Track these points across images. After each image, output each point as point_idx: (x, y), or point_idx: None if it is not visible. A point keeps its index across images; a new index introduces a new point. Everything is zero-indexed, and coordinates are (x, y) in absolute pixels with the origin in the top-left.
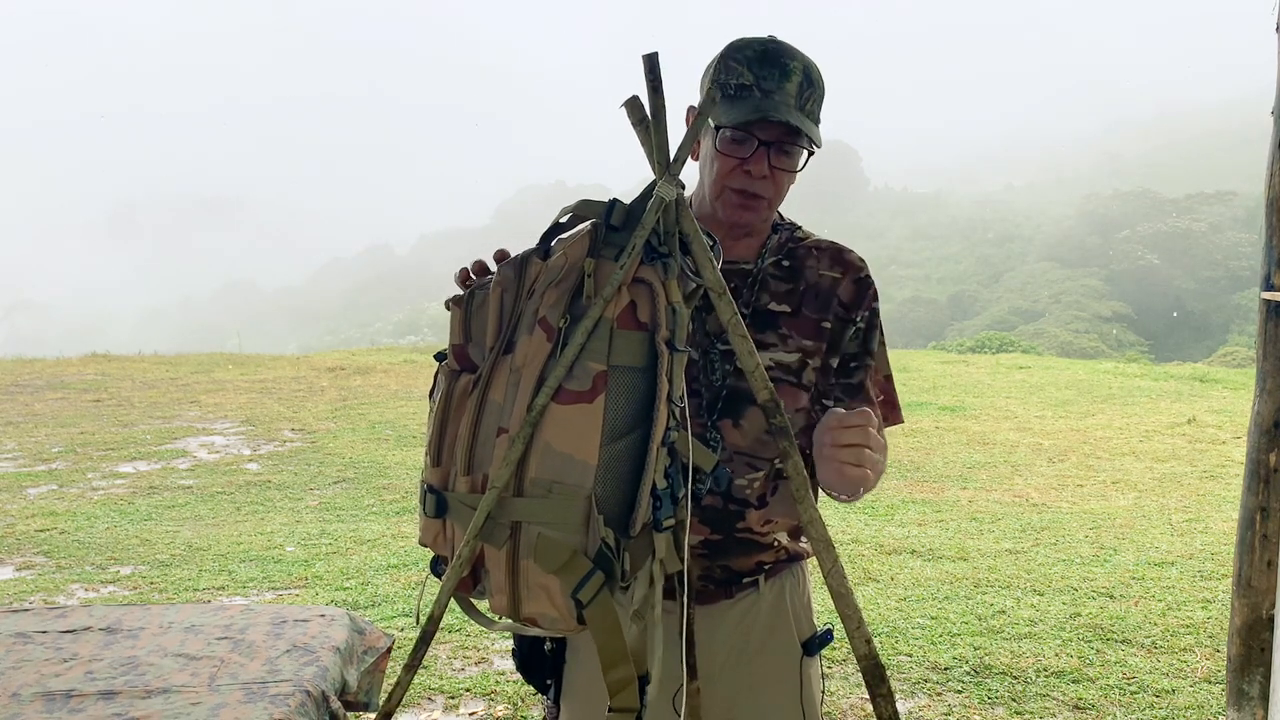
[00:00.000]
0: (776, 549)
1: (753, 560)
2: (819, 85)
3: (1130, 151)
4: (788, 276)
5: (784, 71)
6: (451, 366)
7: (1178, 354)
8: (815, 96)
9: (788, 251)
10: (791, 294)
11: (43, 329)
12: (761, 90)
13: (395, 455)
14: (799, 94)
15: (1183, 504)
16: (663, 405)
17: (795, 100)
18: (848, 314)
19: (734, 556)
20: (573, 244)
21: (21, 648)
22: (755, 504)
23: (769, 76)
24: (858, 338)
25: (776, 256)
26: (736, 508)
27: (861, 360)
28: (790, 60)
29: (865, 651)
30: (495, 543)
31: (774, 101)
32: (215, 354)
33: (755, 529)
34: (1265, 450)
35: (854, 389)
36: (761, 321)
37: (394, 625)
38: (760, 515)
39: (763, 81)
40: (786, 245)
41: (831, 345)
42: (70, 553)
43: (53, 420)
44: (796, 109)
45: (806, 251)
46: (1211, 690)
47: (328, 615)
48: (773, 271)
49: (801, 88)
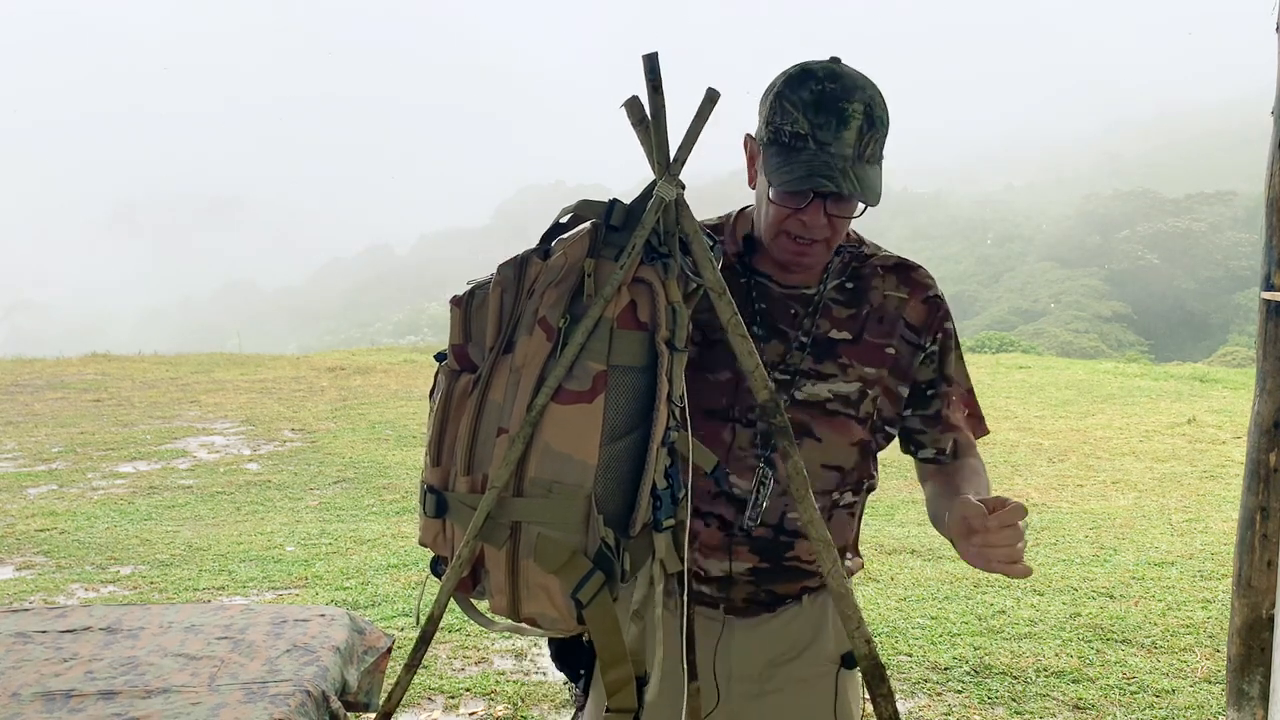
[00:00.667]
0: (820, 577)
1: (798, 585)
2: (881, 123)
3: (1130, 151)
4: (851, 300)
5: (841, 119)
6: (451, 366)
7: (1178, 354)
8: (877, 138)
9: (851, 272)
10: (854, 319)
11: (43, 329)
12: (817, 142)
13: (395, 455)
14: (858, 141)
15: (1183, 504)
16: (663, 405)
17: (854, 149)
18: (917, 338)
19: (780, 582)
20: (572, 244)
21: (21, 648)
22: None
23: (825, 126)
24: (931, 363)
25: (840, 279)
26: (787, 539)
27: (939, 388)
28: (848, 103)
29: (865, 651)
30: (495, 543)
31: (828, 157)
32: (215, 354)
33: (804, 558)
34: (1265, 450)
35: (932, 419)
36: (822, 350)
37: (394, 625)
38: (809, 548)
39: (818, 131)
40: (850, 265)
41: (898, 371)
42: (70, 553)
43: (53, 420)
44: (855, 158)
45: (872, 271)
46: (1211, 690)
47: (328, 615)
48: (835, 296)
49: (861, 133)
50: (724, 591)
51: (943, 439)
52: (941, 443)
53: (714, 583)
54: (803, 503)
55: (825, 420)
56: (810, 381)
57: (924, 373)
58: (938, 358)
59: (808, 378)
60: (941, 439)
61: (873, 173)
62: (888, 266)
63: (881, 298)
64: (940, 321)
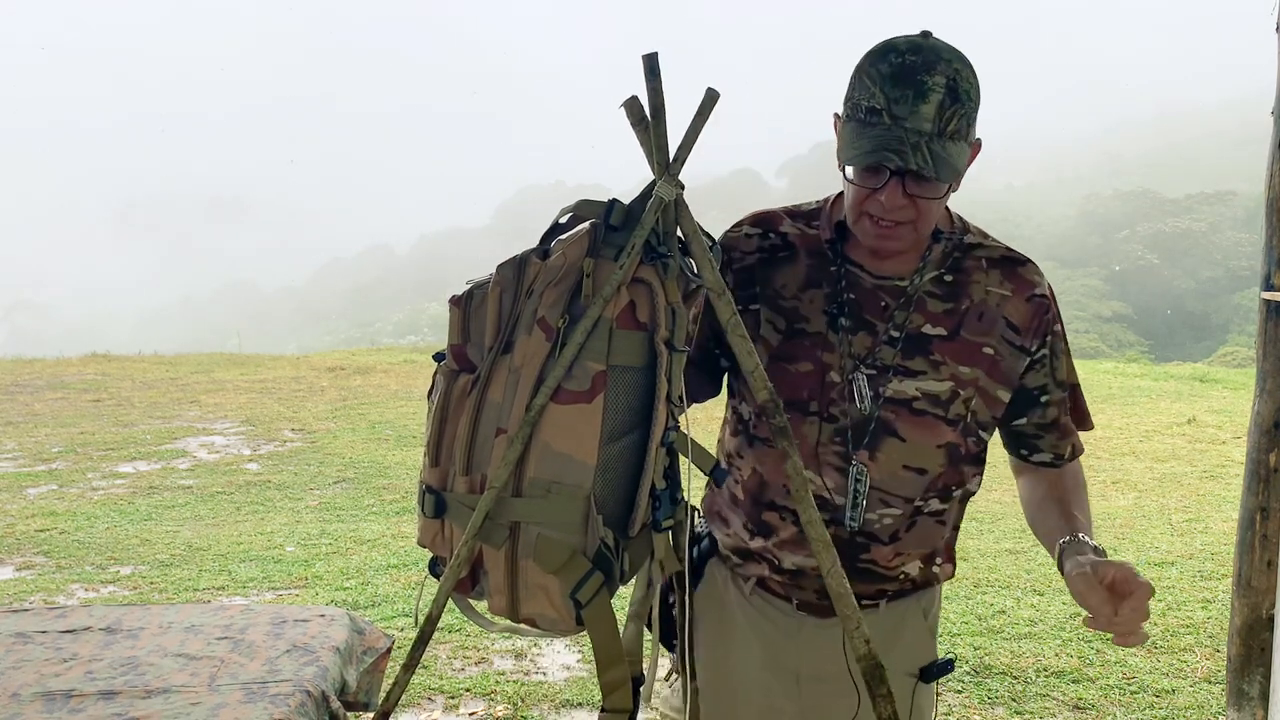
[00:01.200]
0: (902, 580)
1: (874, 588)
2: (967, 96)
3: (1130, 151)
4: (949, 294)
5: (920, 92)
6: (450, 367)
7: (1178, 354)
8: (961, 113)
9: (952, 263)
10: (951, 314)
11: (43, 329)
12: (892, 116)
13: (395, 455)
14: (938, 116)
15: (1183, 504)
16: (662, 405)
17: (934, 124)
18: (1020, 339)
19: (854, 583)
20: (571, 244)
21: (21, 648)
22: (885, 540)
23: (902, 100)
24: (1042, 368)
25: (938, 270)
26: (863, 540)
27: (1053, 394)
28: (929, 75)
29: (864, 652)
30: (494, 543)
31: (901, 132)
32: (215, 354)
33: (880, 563)
34: (1265, 450)
35: (1049, 426)
36: (912, 346)
37: (394, 625)
38: (890, 550)
39: (894, 105)
40: (951, 256)
41: (996, 374)
42: (70, 553)
43: (53, 420)
44: (935, 134)
45: (975, 264)
46: (1211, 690)
47: (328, 615)
48: (930, 289)
49: (942, 107)
50: (795, 582)
51: (1061, 445)
52: (1060, 448)
53: (786, 574)
54: (802, 503)
55: (911, 420)
56: (898, 378)
57: (1034, 378)
58: (1048, 362)
59: (896, 374)
60: (1060, 445)
61: (955, 150)
62: (993, 260)
63: (983, 293)
64: (1048, 324)
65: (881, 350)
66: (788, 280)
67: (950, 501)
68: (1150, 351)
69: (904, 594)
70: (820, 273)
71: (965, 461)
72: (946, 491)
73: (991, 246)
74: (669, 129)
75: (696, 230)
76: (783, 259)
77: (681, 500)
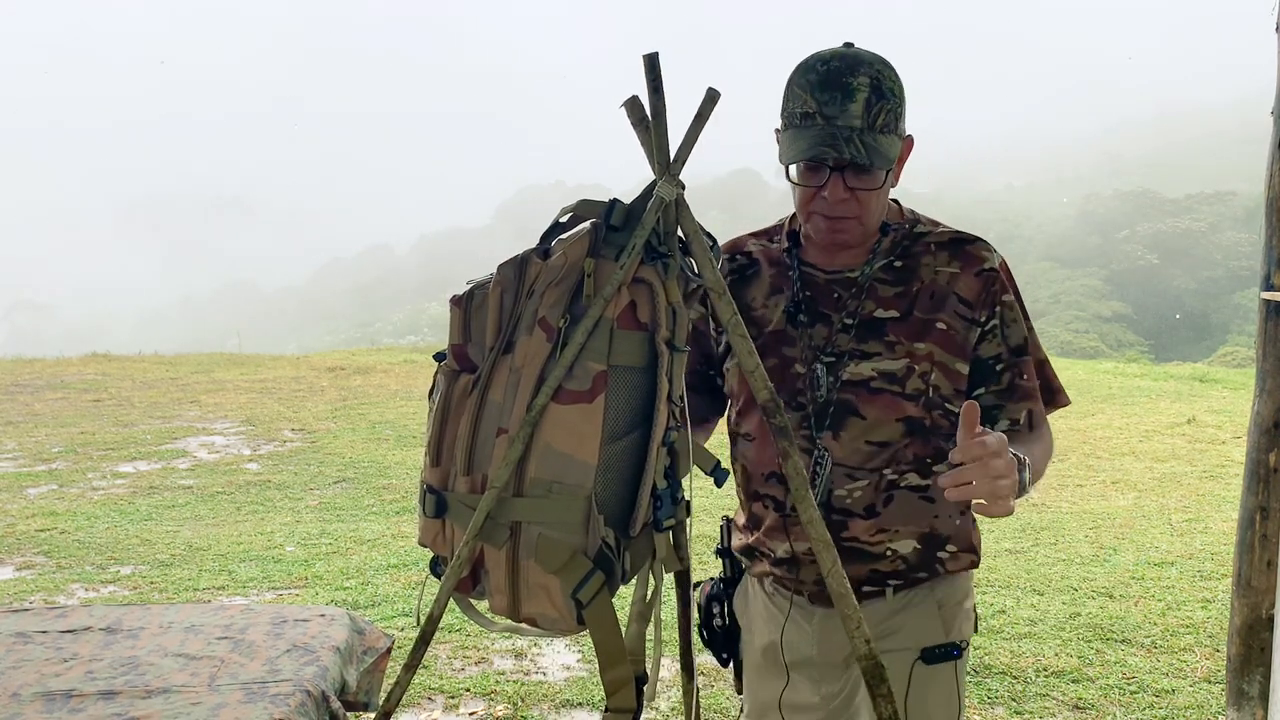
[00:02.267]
0: (893, 559)
1: (865, 569)
2: (891, 93)
3: (1130, 151)
4: (899, 279)
5: (846, 92)
6: (451, 367)
7: (1178, 354)
8: (888, 108)
9: (902, 250)
10: (902, 296)
11: (43, 329)
12: (824, 117)
13: (395, 455)
14: (866, 111)
15: (1183, 504)
16: (663, 405)
17: (863, 119)
18: (971, 313)
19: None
20: (572, 244)
21: (21, 648)
22: (862, 514)
23: (831, 101)
24: (994, 338)
25: (888, 259)
26: (839, 518)
27: (1009, 361)
28: (853, 77)
29: (865, 651)
30: (495, 543)
31: (834, 129)
32: (215, 354)
33: (863, 538)
34: (1265, 450)
35: (1006, 392)
36: (866, 330)
37: (394, 625)
38: (870, 525)
39: (825, 107)
40: (900, 244)
41: (952, 347)
42: (70, 553)
43: (53, 420)
44: (865, 128)
45: (924, 249)
46: (1211, 690)
47: (328, 615)
48: (881, 276)
49: (869, 104)
50: (794, 573)
51: (1017, 409)
52: (1015, 413)
53: (782, 565)
54: (802, 503)
55: (868, 398)
56: (854, 361)
57: (988, 348)
58: (999, 331)
59: (852, 358)
60: (1015, 409)
61: (886, 141)
62: (941, 243)
63: (933, 274)
64: (995, 295)
65: (838, 338)
66: (756, 293)
67: (929, 476)
68: (1150, 351)
69: (914, 582)
70: (781, 279)
71: (933, 434)
72: (922, 464)
73: (942, 232)
74: (669, 129)
75: (697, 230)
76: (750, 276)
77: (682, 499)
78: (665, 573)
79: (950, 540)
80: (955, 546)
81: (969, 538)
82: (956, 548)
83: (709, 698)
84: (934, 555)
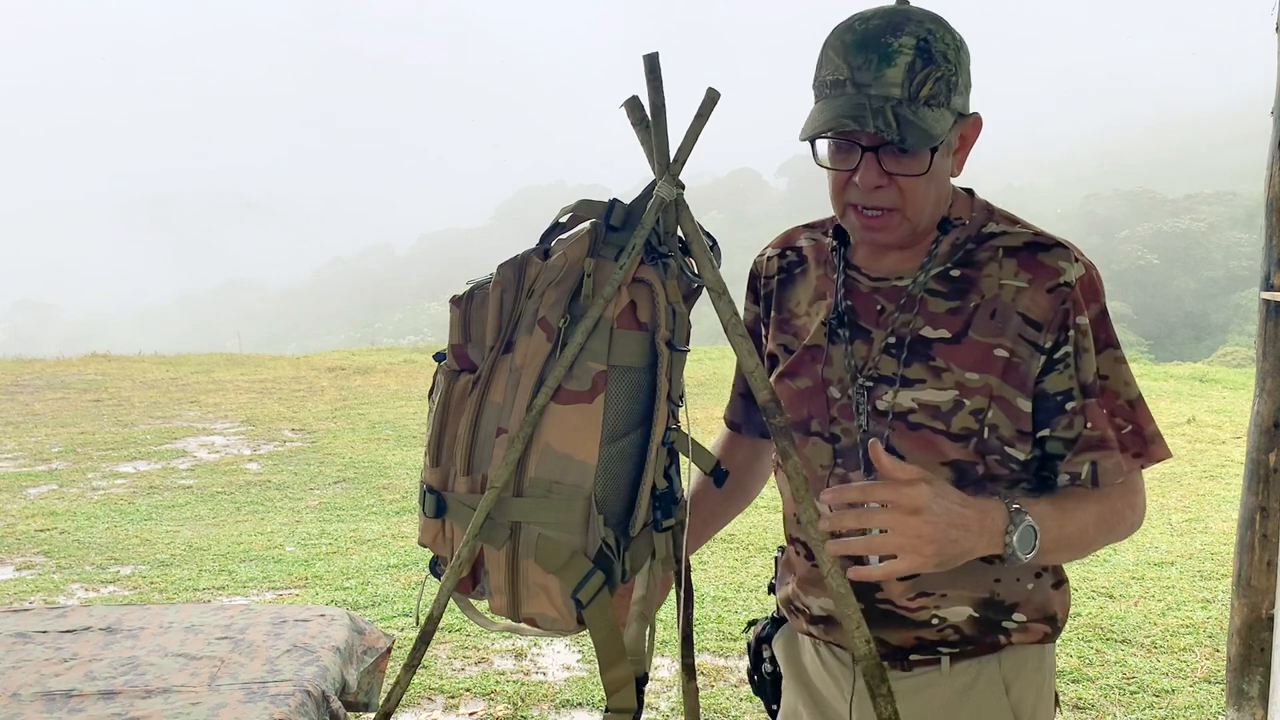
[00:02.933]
0: (940, 628)
1: (910, 636)
2: (944, 58)
3: (1130, 151)
4: (955, 291)
5: (885, 55)
6: (451, 367)
7: (1178, 354)
8: (937, 74)
9: (962, 256)
10: (957, 313)
11: (43, 329)
12: (855, 84)
13: (395, 455)
14: (908, 79)
15: (1183, 504)
16: (663, 405)
17: (903, 88)
18: (1037, 335)
19: (884, 629)
20: (572, 244)
21: (21, 648)
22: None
23: (865, 65)
24: (1065, 368)
25: (945, 265)
26: None
27: (1075, 399)
28: (894, 37)
29: (865, 651)
30: (495, 543)
31: (864, 99)
32: (215, 354)
33: (900, 603)
34: (1265, 450)
35: (1071, 441)
36: (911, 352)
37: (394, 625)
38: (907, 587)
39: (858, 73)
40: (963, 248)
41: (1014, 379)
42: (70, 553)
43: (53, 420)
44: (905, 99)
45: (990, 255)
46: (1211, 690)
47: (328, 615)
48: (935, 286)
49: (912, 69)
50: (833, 635)
51: (1077, 462)
52: (1075, 466)
53: (819, 624)
54: (801, 503)
55: (907, 435)
56: (893, 390)
57: (1055, 382)
58: (1072, 361)
59: (890, 384)
60: (1075, 462)
61: (932, 116)
62: (1013, 248)
63: (997, 287)
64: (1066, 315)
65: (880, 360)
66: (800, 296)
67: None
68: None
69: (974, 652)
70: (826, 282)
71: (989, 483)
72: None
73: (1016, 233)
74: (669, 129)
75: (697, 230)
76: (798, 275)
77: (682, 500)
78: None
79: (1018, 608)
80: (1025, 615)
81: (1046, 604)
82: (1026, 616)
83: (709, 698)
84: (996, 624)
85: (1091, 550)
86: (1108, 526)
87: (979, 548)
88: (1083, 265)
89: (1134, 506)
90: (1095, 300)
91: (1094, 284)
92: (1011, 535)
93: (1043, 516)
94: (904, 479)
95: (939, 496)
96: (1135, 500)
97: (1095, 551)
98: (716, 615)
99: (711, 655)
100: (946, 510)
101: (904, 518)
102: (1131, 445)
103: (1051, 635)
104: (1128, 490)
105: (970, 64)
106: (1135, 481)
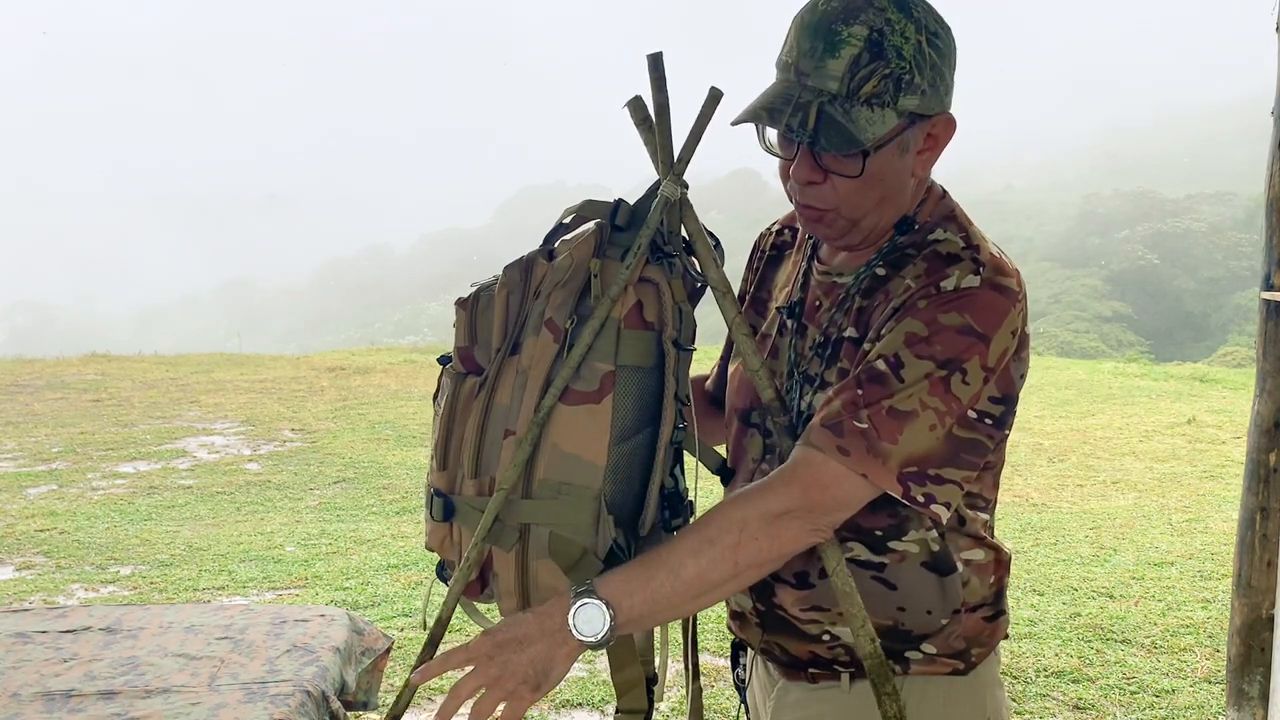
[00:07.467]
0: (830, 645)
1: (805, 649)
2: (897, 54)
3: (1130, 152)
4: (869, 290)
5: (831, 44)
6: (456, 369)
7: (1178, 354)
8: (885, 72)
9: (898, 257)
10: (864, 312)
11: (43, 329)
12: (798, 71)
13: (395, 455)
14: (850, 73)
15: (1183, 504)
16: (670, 404)
17: (842, 83)
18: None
19: (781, 636)
20: (578, 245)
21: (21, 648)
22: (791, 581)
23: (810, 53)
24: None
25: (877, 264)
26: (769, 577)
27: (846, 349)
28: (846, 25)
29: (870, 650)
30: (504, 545)
31: (796, 90)
32: (215, 354)
33: (791, 611)
34: (1265, 450)
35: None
36: (831, 353)
37: (394, 625)
38: (800, 597)
39: (802, 59)
40: (904, 250)
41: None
42: (70, 553)
43: (53, 420)
44: (842, 95)
45: (916, 255)
46: (1211, 690)
47: (328, 615)
48: (864, 285)
49: (856, 63)
50: (746, 633)
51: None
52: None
53: (737, 619)
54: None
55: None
56: (811, 390)
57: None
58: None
59: (811, 384)
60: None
61: (867, 117)
62: (934, 254)
63: (902, 289)
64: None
65: (811, 359)
66: (779, 279)
67: (885, 554)
68: (1150, 351)
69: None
70: (795, 270)
71: (886, 501)
72: (870, 536)
73: (945, 241)
74: (673, 128)
75: (701, 230)
76: (786, 256)
77: (688, 499)
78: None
79: (928, 639)
80: (935, 648)
81: (957, 638)
82: (936, 649)
83: (710, 697)
84: (898, 653)
85: (741, 582)
86: (730, 546)
87: (550, 650)
88: (977, 280)
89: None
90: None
91: (977, 303)
92: (573, 621)
93: (621, 584)
94: (465, 656)
95: (498, 633)
96: (791, 490)
97: (761, 576)
98: (716, 615)
99: (711, 655)
100: (507, 640)
101: (485, 672)
102: (852, 440)
103: (963, 670)
104: (778, 482)
105: (948, 60)
106: (813, 473)
